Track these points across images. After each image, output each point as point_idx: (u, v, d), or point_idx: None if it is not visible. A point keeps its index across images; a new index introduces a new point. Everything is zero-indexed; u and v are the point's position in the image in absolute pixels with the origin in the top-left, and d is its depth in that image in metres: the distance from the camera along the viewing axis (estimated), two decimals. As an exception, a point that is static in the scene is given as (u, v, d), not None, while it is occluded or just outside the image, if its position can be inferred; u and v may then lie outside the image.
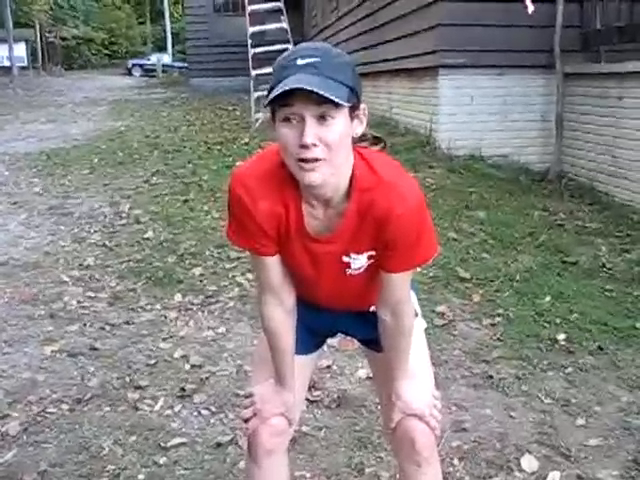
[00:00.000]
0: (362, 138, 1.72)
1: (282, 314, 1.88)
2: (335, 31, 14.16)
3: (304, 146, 1.52)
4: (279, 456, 1.99)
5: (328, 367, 3.64)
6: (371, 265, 1.78)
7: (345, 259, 1.77)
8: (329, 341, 3.75)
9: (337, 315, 2.00)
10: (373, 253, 1.75)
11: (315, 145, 1.52)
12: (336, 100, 1.48)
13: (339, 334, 2.22)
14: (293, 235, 1.75)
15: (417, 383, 1.93)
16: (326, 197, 1.67)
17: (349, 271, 1.79)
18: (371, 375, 3.45)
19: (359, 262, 1.77)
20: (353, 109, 1.58)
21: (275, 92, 1.49)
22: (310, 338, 2.05)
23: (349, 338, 3.78)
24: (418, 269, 1.89)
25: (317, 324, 2.02)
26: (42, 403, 3.34)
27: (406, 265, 1.74)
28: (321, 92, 1.46)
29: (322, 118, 1.52)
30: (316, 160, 1.54)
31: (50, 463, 2.85)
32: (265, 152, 1.79)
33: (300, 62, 1.53)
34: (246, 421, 1.95)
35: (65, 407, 3.31)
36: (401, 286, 1.79)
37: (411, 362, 1.91)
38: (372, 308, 1.92)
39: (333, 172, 1.59)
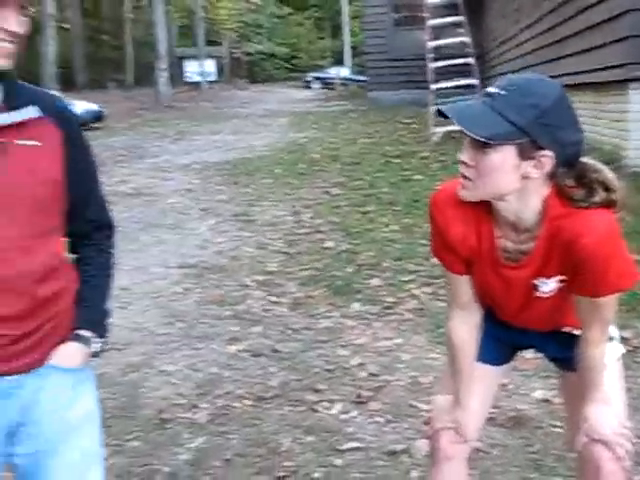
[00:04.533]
0: (582, 183, 1.67)
1: (466, 331, 1.95)
2: (515, 44, 13.86)
3: (460, 161, 1.65)
4: (458, 463, 2.03)
5: (504, 385, 3.60)
6: (561, 289, 1.79)
7: (535, 282, 1.80)
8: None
9: (528, 331, 2.02)
10: (563, 278, 1.76)
11: (467, 165, 1.64)
12: (472, 135, 1.57)
13: (529, 349, 2.22)
14: (484, 259, 1.82)
15: (608, 409, 1.90)
16: (510, 221, 1.72)
17: (538, 293, 1.82)
18: (547, 397, 3.43)
19: (548, 286, 1.80)
20: (524, 150, 1.59)
21: (438, 108, 1.65)
22: (499, 348, 2.08)
23: (527, 357, 3.77)
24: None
25: (508, 336, 2.05)
26: (227, 397, 3.58)
27: (594, 292, 1.72)
28: (458, 122, 1.57)
29: (481, 145, 1.59)
30: (465, 178, 1.65)
31: (234, 453, 3.07)
32: None
33: (489, 90, 1.64)
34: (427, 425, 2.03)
35: (248, 403, 3.52)
36: (591, 310, 1.77)
37: (605, 387, 1.89)
38: (565, 329, 1.93)
39: (484, 197, 1.69)
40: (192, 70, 39.74)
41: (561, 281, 1.77)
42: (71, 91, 31.94)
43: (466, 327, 1.95)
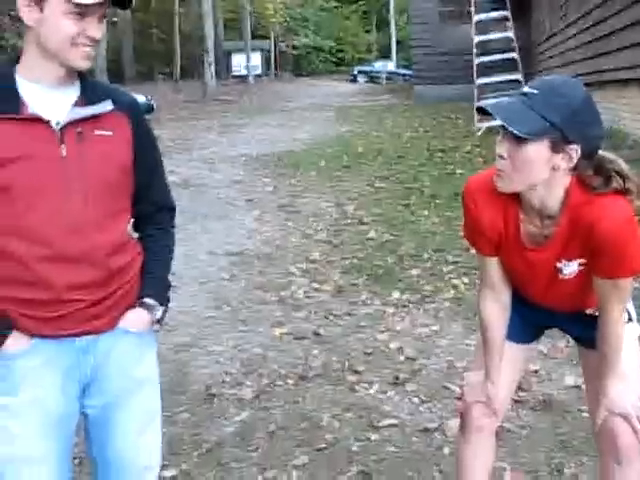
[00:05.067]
0: (606, 173, 1.84)
1: (496, 309, 2.13)
2: (563, 39, 13.79)
3: (497, 155, 1.82)
4: (486, 435, 2.20)
5: (536, 371, 3.74)
6: (582, 271, 1.94)
7: (557, 265, 1.96)
8: (538, 347, 3.89)
9: (553, 312, 2.17)
10: (583, 261, 1.91)
11: (503, 157, 1.80)
12: (512, 130, 1.72)
13: (554, 329, 2.37)
14: (511, 243, 2.00)
15: (626, 385, 2.05)
16: (536, 208, 1.89)
17: (561, 276, 1.98)
18: (578, 383, 3.55)
19: (570, 268, 1.95)
20: (557, 144, 1.76)
21: (478, 105, 1.86)
22: (526, 328, 2.24)
23: (560, 346, 3.89)
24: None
25: (534, 316, 2.20)
26: (271, 376, 3.78)
27: (612, 273, 1.88)
28: (500, 118, 1.74)
29: (518, 140, 1.76)
30: (501, 170, 1.82)
31: (277, 426, 3.27)
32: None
33: (524, 90, 1.82)
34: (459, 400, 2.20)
35: (290, 382, 3.72)
36: (609, 291, 1.92)
37: (622, 365, 2.03)
38: (588, 311, 2.08)
39: (518, 188, 1.85)
40: (239, 63, 40.16)
41: (581, 264, 1.92)
42: (120, 84, 32.58)
43: (496, 306, 2.12)
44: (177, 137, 14.68)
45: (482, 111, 1.85)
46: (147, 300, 1.85)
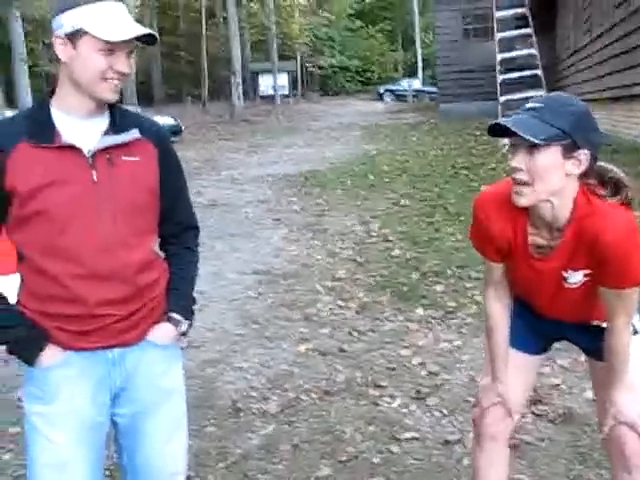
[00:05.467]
0: (608, 182, 1.97)
1: (499, 309, 2.25)
2: (588, 54, 13.82)
3: (513, 168, 1.90)
4: (500, 443, 2.27)
5: (557, 385, 3.79)
6: (588, 282, 2.02)
7: (563, 274, 2.05)
8: (559, 361, 3.94)
9: (561, 323, 2.24)
10: (588, 271, 1.99)
11: (520, 169, 1.89)
12: (526, 136, 1.82)
13: (563, 340, 2.44)
14: (519, 253, 2.09)
15: (633, 394, 2.11)
16: (546, 220, 1.96)
17: (566, 285, 2.06)
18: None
19: (575, 278, 2.04)
20: (567, 150, 1.87)
21: (490, 123, 1.94)
22: (534, 339, 2.32)
23: (580, 360, 3.93)
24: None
25: (541, 327, 2.28)
26: (296, 391, 3.88)
27: (616, 283, 1.96)
28: (515, 129, 1.84)
29: (531, 150, 1.86)
30: (520, 183, 1.90)
31: (301, 439, 3.36)
32: (507, 180, 2.12)
33: (528, 105, 1.94)
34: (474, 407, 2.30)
35: (315, 396, 3.81)
36: (614, 301, 2.00)
37: (629, 375, 2.10)
38: (595, 322, 2.16)
39: (540, 198, 1.91)
40: (266, 84, 40.57)
41: (587, 274, 2.00)
42: (149, 106, 33.11)
43: (500, 304, 2.24)
44: (205, 158, 14.92)
45: (492, 132, 1.96)
46: (173, 315, 1.96)
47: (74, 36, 1.75)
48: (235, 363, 4.32)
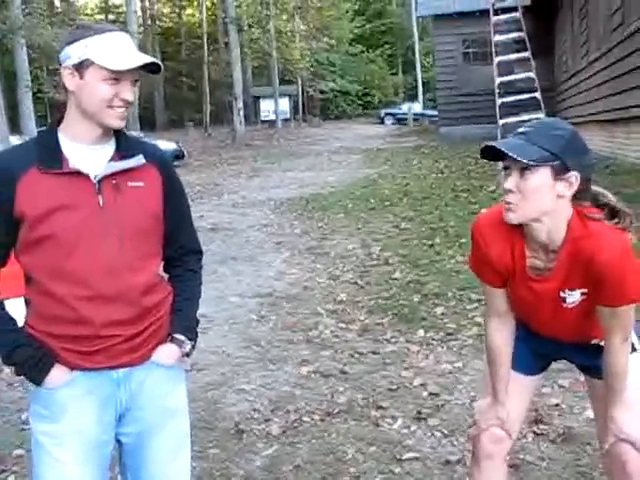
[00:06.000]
0: (602, 206, 2.02)
1: (502, 336, 2.26)
2: (585, 77, 13.96)
3: (505, 190, 1.97)
4: (497, 462, 2.30)
5: (557, 405, 3.81)
6: (584, 301, 2.07)
7: (561, 294, 2.09)
8: (560, 381, 3.97)
9: (560, 343, 2.29)
10: (585, 290, 2.04)
11: (511, 191, 1.95)
12: (518, 158, 1.89)
13: (563, 360, 2.47)
14: (517, 274, 2.14)
15: (632, 412, 2.15)
16: (542, 241, 2.01)
17: (564, 305, 2.11)
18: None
19: (573, 297, 2.09)
20: (558, 172, 1.93)
21: (481, 149, 2.00)
22: (534, 360, 2.36)
23: (581, 379, 3.96)
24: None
25: (541, 347, 2.32)
26: (298, 412, 3.91)
27: (612, 302, 2.01)
28: (505, 151, 1.91)
29: (522, 172, 1.92)
30: (510, 203, 1.96)
31: (303, 460, 3.39)
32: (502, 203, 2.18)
33: (519, 130, 2.01)
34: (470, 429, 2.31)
35: (317, 417, 3.84)
36: (611, 319, 2.05)
37: (628, 392, 2.14)
38: (594, 341, 2.20)
39: (529, 217, 1.97)
40: (267, 108, 40.86)
41: (584, 294, 2.05)
42: (152, 131, 33.33)
43: (502, 333, 2.26)
44: (207, 182, 15.02)
45: (486, 155, 2.02)
46: (177, 336, 2.01)
47: (81, 66, 1.82)
48: (237, 385, 4.35)
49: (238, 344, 5.12)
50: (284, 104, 40.50)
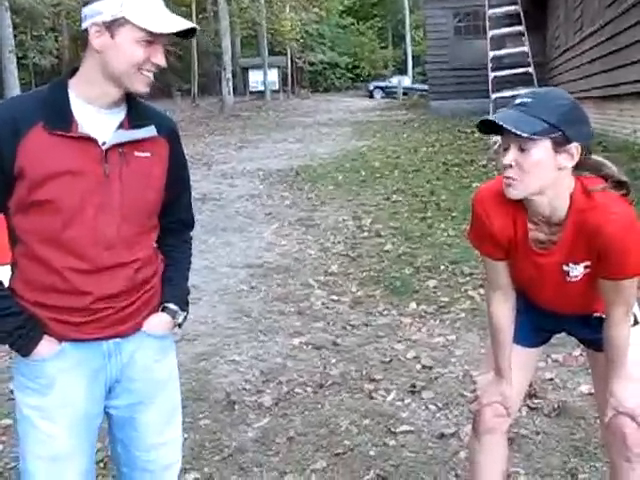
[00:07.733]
0: (603, 176, 1.97)
1: (504, 311, 2.21)
2: (578, 52, 13.87)
3: (504, 166, 1.90)
4: (498, 435, 2.27)
5: (550, 379, 3.79)
6: (587, 274, 2.02)
7: (564, 268, 2.04)
8: (553, 356, 3.95)
9: (562, 316, 2.24)
10: (588, 263, 1.99)
11: (511, 166, 1.88)
12: (518, 132, 1.81)
13: (563, 333, 2.44)
14: (520, 248, 2.08)
15: (632, 385, 2.12)
16: (545, 215, 1.96)
17: (568, 278, 2.06)
18: (592, 391, 3.60)
19: (576, 271, 2.04)
20: (558, 144, 1.86)
21: (480, 119, 1.92)
22: (535, 334, 2.32)
23: (574, 355, 3.95)
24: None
25: (543, 321, 2.28)
26: (290, 384, 3.87)
27: (615, 275, 1.96)
28: (504, 124, 1.82)
29: (522, 146, 1.86)
30: (510, 178, 1.90)
31: (296, 432, 3.35)
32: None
33: (517, 101, 1.93)
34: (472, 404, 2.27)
35: (309, 389, 3.80)
36: (613, 292, 2.00)
37: (629, 365, 2.11)
38: (596, 314, 2.16)
39: (530, 191, 1.91)
40: (256, 79, 40.51)
41: (587, 267, 2.00)
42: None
43: (504, 308, 2.20)
44: (196, 153, 14.85)
45: (482, 129, 1.95)
46: (170, 305, 1.95)
47: (113, 24, 1.70)
48: (229, 356, 4.31)
49: (229, 315, 5.07)
50: (273, 75, 40.19)
